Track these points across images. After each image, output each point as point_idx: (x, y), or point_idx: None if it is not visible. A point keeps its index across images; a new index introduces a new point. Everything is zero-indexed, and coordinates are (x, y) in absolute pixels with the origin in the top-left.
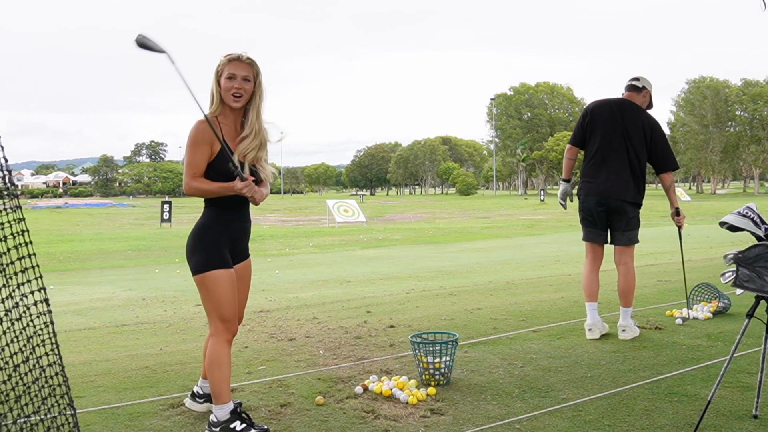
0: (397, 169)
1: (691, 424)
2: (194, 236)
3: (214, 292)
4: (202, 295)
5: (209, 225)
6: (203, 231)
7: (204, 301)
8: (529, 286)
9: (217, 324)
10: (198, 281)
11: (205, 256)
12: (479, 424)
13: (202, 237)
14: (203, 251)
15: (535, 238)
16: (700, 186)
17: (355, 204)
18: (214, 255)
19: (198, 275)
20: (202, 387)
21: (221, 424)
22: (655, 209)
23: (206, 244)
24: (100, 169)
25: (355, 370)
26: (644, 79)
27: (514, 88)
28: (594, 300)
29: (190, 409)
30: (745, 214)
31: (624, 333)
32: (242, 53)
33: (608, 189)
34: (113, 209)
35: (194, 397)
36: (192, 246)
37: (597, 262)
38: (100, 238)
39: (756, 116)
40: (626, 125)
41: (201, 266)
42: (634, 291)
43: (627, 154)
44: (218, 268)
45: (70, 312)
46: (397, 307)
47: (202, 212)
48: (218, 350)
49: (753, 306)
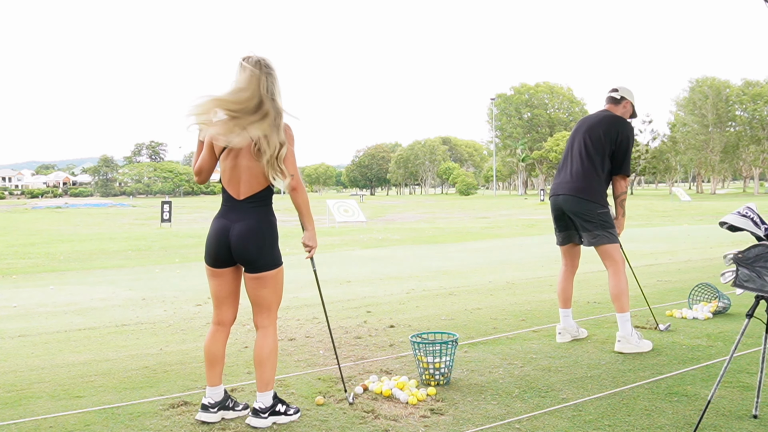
0: (397, 169)
1: (691, 424)
2: (270, 232)
3: (282, 285)
4: (273, 289)
5: (276, 223)
6: (275, 228)
7: (272, 294)
8: (529, 286)
9: (276, 316)
10: (275, 274)
11: (278, 250)
12: (479, 424)
13: (276, 233)
14: (278, 246)
15: (535, 238)
16: (700, 186)
17: (355, 204)
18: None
19: (277, 268)
20: (212, 396)
21: (269, 409)
22: (655, 209)
23: (277, 239)
24: (100, 169)
25: (355, 370)
26: (624, 89)
27: (514, 88)
28: (566, 306)
29: (206, 422)
30: (745, 214)
31: (619, 344)
32: None
33: (559, 185)
34: (113, 209)
35: (207, 410)
36: (270, 241)
37: (569, 266)
38: (100, 238)
39: (756, 116)
40: (589, 133)
41: (279, 259)
42: (625, 295)
43: (582, 157)
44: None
45: (70, 312)
46: (397, 307)
47: (266, 210)
48: (277, 338)
49: (753, 306)
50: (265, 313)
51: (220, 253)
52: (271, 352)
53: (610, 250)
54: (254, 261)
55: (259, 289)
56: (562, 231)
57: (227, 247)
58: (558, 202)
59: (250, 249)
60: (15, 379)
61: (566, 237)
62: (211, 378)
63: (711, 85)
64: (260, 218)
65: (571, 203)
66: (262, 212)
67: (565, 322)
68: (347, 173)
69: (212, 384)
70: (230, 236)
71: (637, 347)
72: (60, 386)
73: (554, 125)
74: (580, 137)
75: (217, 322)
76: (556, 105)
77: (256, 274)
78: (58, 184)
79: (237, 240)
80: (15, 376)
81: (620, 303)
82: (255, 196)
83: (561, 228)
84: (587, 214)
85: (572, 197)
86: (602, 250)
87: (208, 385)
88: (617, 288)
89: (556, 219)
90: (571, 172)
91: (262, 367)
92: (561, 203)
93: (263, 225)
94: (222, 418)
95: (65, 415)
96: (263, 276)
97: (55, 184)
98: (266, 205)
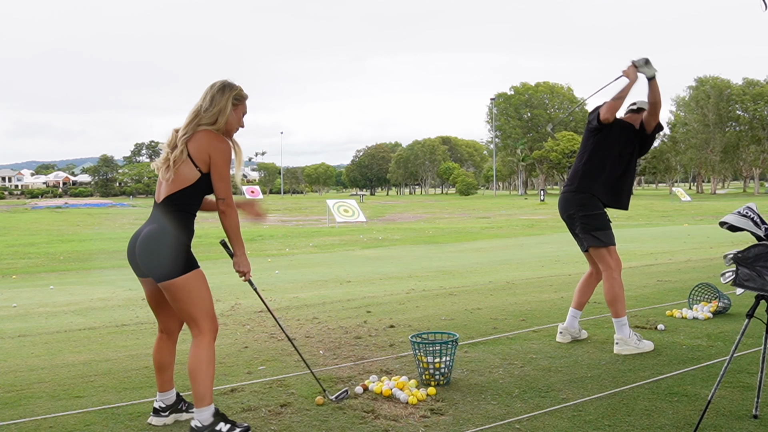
0: (397, 169)
1: (691, 424)
2: (169, 237)
3: (198, 293)
4: (185, 299)
5: (185, 228)
6: (181, 232)
7: (185, 305)
8: (529, 286)
9: (209, 322)
10: (181, 283)
11: (184, 256)
12: (479, 424)
13: (182, 238)
14: (184, 252)
15: (535, 238)
16: (700, 186)
17: (355, 204)
18: (191, 256)
19: (181, 276)
20: (163, 400)
21: (207, 428)
22: (655, 209)
23: (185, 246)
24: (100, 169)
25: (355, 370)
26: (641, 102)
27: (514, 87)
28: (577, 308)
29: (157, 425)
30: (745, 214)
31: (618, 346)
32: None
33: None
34: (113, 209)
35: (158, 413)
36: (169, 247)
37: (591, 271)
38: (100, 238)
39: (757, 116)
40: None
41: (186, 266)
42: (619, 301)
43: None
44: (198, 267)
45: (70, 312)
46: (397, 307)
47: (178, 215)
48: (212, 350)
49: (753, 306)
50: (191, 323)
51: (133, 261)
52: (201, 363)
53: (603, 254)
54: (154, 270)
55: (172, 301)
56: (574, 235)
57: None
58: (559, 206)
59: (146, 256)
60: (15, 379)
61: (577, 242)
62: (161, 384)
63: (713, 84)
64: (167, 223)
65: (566, 207)
66: (173, 217)
67: (570, 322)
68: (347, 173)
69: (162, 390)
70: (137, 243)
71: (637, 348)
72: (60, 386)
73: (554, 125)
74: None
75: (160, 329)
76: (556, 105)
77: (161, 283)
78: (58, 184)
79: (138, 246)
80: (15, 376)
81: (614, 308)
82: (169, 198)
83: (572, 233)
84: (581, 219)
85: (568, 202)
86: (596, 253)
87: (159, 391)
88: (610, 294)
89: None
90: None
91: (194, 380)
92: (559, 206)
93: (165, 230)
94: (175, 420)
95: (65, 415)
96: (168, 286)
97: (55, 184)
98: (181, 211)
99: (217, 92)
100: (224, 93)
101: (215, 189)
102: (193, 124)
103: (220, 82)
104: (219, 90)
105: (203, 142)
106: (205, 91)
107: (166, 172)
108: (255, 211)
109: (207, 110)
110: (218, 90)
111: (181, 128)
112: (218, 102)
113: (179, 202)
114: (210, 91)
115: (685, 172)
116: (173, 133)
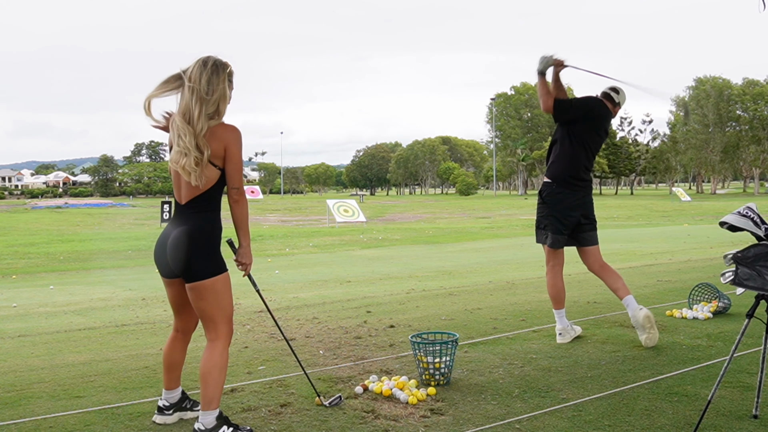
0: (397, 169)
1: (691, 424)
2: (204, 238)
3: (225, 296)
4: (211, 300)
5: (216, 229)
6: (214, 234)
7: (211, 306)
8: (529, 286)
9: (227, 326)
10: (211, 284)
11: (217, 258)
12: (479, 424)
13: (214, 240)
14: (216, 254)
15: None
16: (700, 186)
17: (355, 204)
18: (222, 257)
19: (213, 277)
20: (168, 399)
21: (210, 431)
22: (655, 209)
23: (217, 246)
24: (100, 169)
25: (355, 370)
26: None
27: (514, 87)
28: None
29: (162, 424)
30: (745, 214)
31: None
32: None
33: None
34: (113, 209)
35: (162, 411)
36: (204, 248)
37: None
38: (100, 238)
39: (756, 116)
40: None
41: (219, 268)
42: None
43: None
44: (227, 269)
45: (70, 312)
46: (397, 307)
47: (207, 216)
48: (226, 356)
49: (753, 306)
50: (210, 326)
51: (162, 262)
52: (214, 367)
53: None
54: (186, 270)
55: (197, 301)
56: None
57: (166, 255)
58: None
59: (179, 256)
60: (15, 379)
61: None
62: (168, 381)
63: (714, 84)
64: (198, 224)
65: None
66: (201, 218)
67: (561, 322)
68: (347, 173)
69: (168, 388)
70: (168, 244)
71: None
72: (60, 386)
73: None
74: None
75: (176, 329)
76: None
77: (190, 284)
78: (58, 184)
79: (169, 247)
80: (15, 376)
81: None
82: (195, 200)
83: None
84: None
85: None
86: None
87: (165, 389)
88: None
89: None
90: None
91: (205, 383)
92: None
93: (198, 231)
94: (180, 419)
95: (65, 415)
96: (197, 286)
97: (55, 184)
98: (208, 210)
99: (212, 74)
100: (219, 74)
101: (230, 179)
102: (204, 117)
103: (212, 61)
104: (213, 70)
105: (221, 139)
106: (197, 69)
107: (193, 176)
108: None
109: (207, 96)
110: (212, 71)
111: (195, 122)
112: (216, 86)
113: (207, 202)
114: (203, 70)
115: (685, 172)
116: (175, 121)
